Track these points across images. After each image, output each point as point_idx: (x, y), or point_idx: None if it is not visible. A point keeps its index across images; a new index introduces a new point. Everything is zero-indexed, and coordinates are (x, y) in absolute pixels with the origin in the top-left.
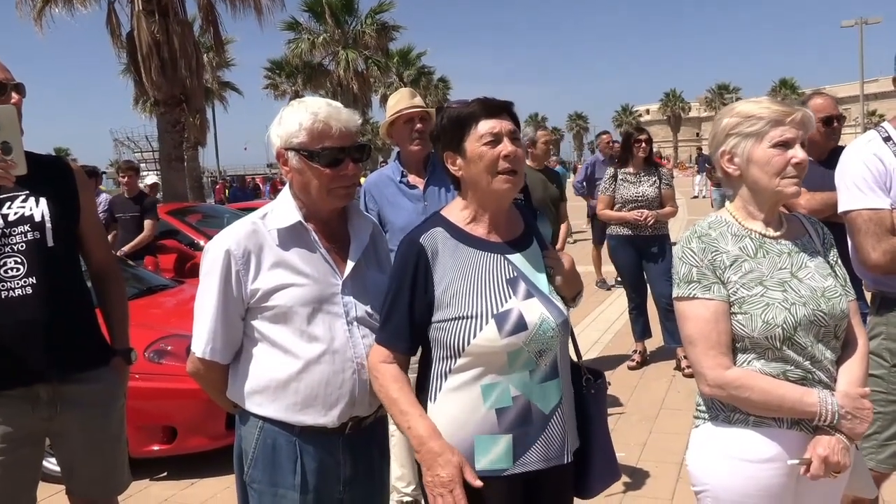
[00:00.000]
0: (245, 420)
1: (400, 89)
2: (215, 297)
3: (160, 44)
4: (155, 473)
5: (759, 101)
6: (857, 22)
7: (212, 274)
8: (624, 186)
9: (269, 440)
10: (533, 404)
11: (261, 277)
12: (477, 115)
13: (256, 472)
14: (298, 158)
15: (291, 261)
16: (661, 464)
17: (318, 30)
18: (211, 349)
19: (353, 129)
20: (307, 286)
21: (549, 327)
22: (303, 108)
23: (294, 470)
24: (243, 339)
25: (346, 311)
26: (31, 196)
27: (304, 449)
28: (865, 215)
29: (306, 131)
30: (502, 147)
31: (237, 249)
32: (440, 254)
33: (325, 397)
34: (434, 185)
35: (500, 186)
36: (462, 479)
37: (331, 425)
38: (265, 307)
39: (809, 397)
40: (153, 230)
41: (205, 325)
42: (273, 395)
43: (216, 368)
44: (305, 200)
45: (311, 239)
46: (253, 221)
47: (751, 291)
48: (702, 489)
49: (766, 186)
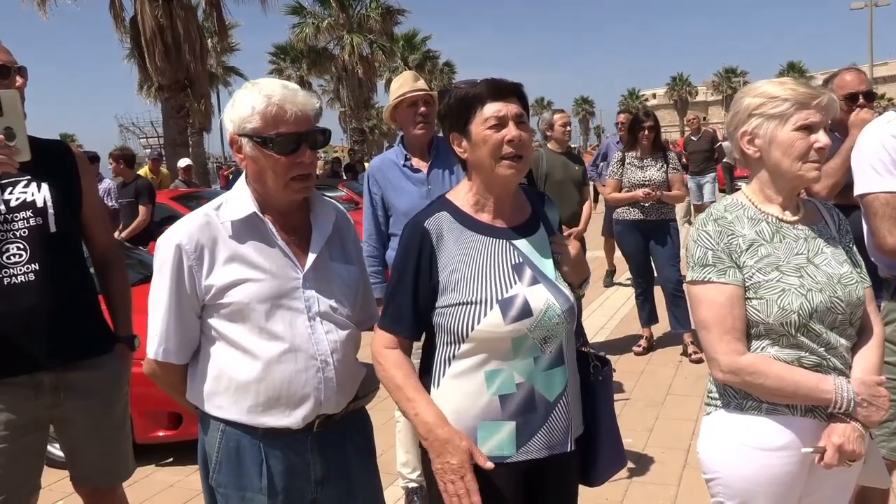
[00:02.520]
0: (206, 423)
1: (403, 73)
2: (167, 294)
3: (164, 28)
4: (160, 459)
5: (784, 83)
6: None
7: (163, 270)
8: (631, 170)
9: (233, 443)
10: (537, 391)
11: (215, 273)
12: (483, 98)
13: (222, 476)
14: (252, 145)
15: (247, 255)
16: (667, 450)
17: (322, 14)
18: (164, 350)
19: (310, 113)
20: (264, 281)
21: (554, 314)
22: (256, 91)
23: (260, 473)
24: (200, 338)
25: (307, 307)
26: (32, 181)
27: (269, 451)
28: (883, 198)
29: (259, 115)
30: (507, 131)
31: (189, 244)
32: (445, 238)
33: (288, 398)
34: (438, 169)
35: (504, 172)
36: (472, 464)
37: (295, 427)
38: (221, 304)
39: (825, 384)
40: (147, 215)
41: (157, 324)
42: (233, 397)
43: (172, 369)
44: (261, 190)
45: (267, 231)
46: (206, 213)
47: (767, 276)
48: (713, 477)
49: (788, 170)
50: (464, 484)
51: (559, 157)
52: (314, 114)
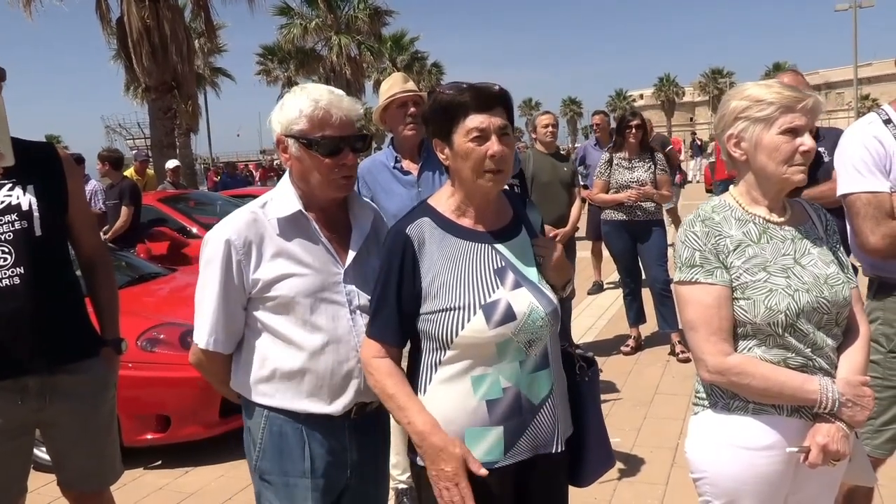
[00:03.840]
0: (250, 411)
1: (392, 74)
2: (217, 287)
3: (150, 29)
4: (149, 462)
5: (770, 86)
6: (852, 6)
7: (212, 264)
8: (619, 171)
9: (276, 428)
10: (523, 395)
11: (262, 267)
12: (467, 108)
13: (265, 463)
14: (298, 146)
15: (293, 251)
16: (655, 449)
17: (310, 15)
18: (214, 340)
19: (354, 118)
20: (309, 276)
21: (538, 317)
22: (304, 95)
23: (303, 456)
24: (245, 329)
25: (348, 300)
26: (17, 185)
27: (310, 435)
28: (865, 198)
29: (307, 118)
30: (490, 145)
31: (238, 239)
32: (427, 244)
33: (331, 387)
34: (429, 171)
35: (485, 184)
36: (466, 470)
37: (336, 413)
38: (267, 297)
39: (810, 384)
40: (129, 216)
41: (207, 316)
42: (277, 386)
43: (219, 359)
44: (305, 189)
45: (311, 228)
46: (253, 211)
47: (754, 277)
48: (700, 476)
49: (773, 173)
50: (458, 491)
51: (547, 158)
52: (357, 119)
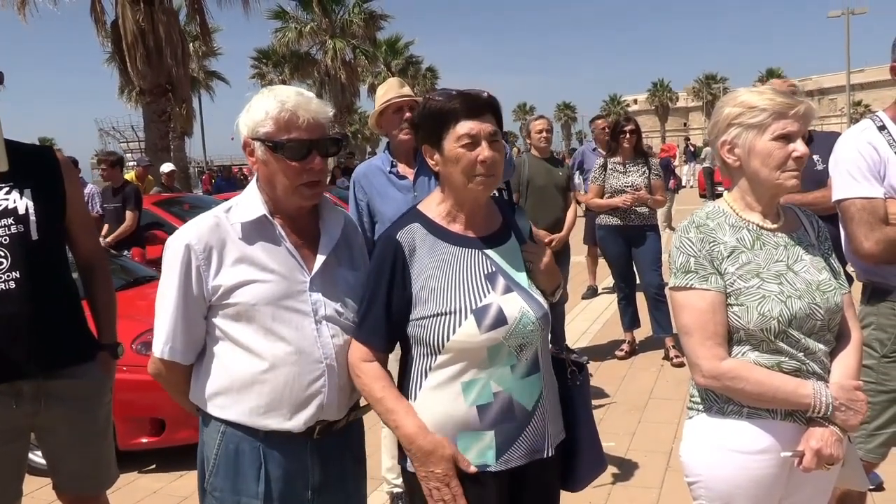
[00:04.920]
0: (207, 424)
1: (389, 79)
2: (175, 294)
3: (145, 32)
4: (143, 466)
5: (763, 92)
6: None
7: (171, 270)
8: (613, 176)
9: (232, 446)
10: (515, 399)
11: (223, 273)
12: (457, 114)
13: (218, 480)
14: (264, 149)
15: (255, 256)
16: (649, 453)
17: (305, 18)
18: (170, 349)
19: (323, 121)
20: (272, 283)
21: (529, 321)
22: (271, 96)
23: (257, 477)
24: (206, 338)
25: (314, 310)
26: (14, 188)
27: (268, 455)
28: (859, 204)
29: (273, 120)
30: (480, 151)
31: (198, 244)
32: (417, 250)
33: (291, 400)
34: (424, 176)
35: (476, 188)
36: (456, 471)
37: (296, 430)
38: (227, 304)
39: (804, 389)
40: (134, 220)
41: (164, 323)
42: (236, 397)
43: (177, 369)
44: (271, 194)
45: (276, 234)
46: (216, 215)
47: (747, 283)
48: (695, 480)
49: (766, 179)
50: (450, 490)
51: (542, 162)
52: (327, 121)
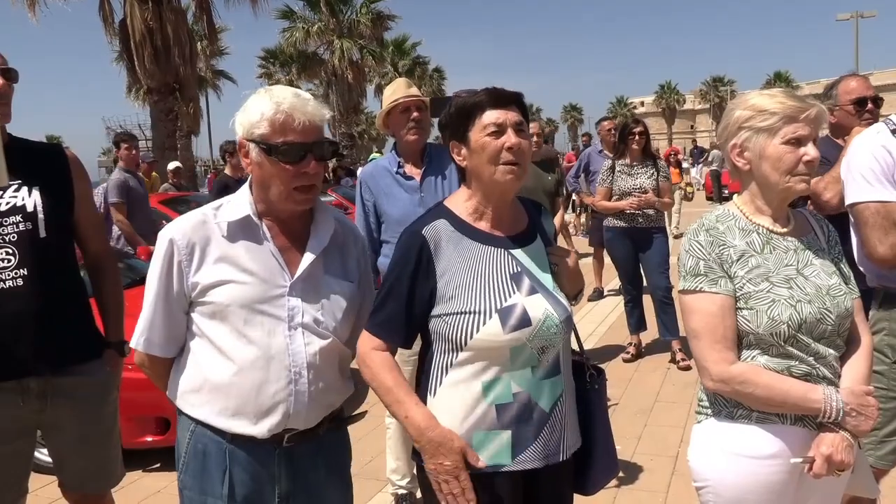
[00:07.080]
0: (180, 420)
1: (396, 79)
2: (155, 287)
3: (153, 31)
4: (148, 465)
5: (773, 95)
6: (853, 15)
7: (155, 264)
8: (621, 178)
9: (200, 445)
10: (534, 401)
11: (203, 271)
12: (483, 105)
13: (187, 478)
14: (258, 151)
15: (237, 256)
16: (656, 457)
17: (312, 18)
18: (146, 340)
19: (318, 124)
20: (248, 284)
21: (552, 323)
22: (267, 97)
23: (222, 480)
24: (187, 334)
25: (290, 315)
26: (23, 186)
27: (234, 458)
28: (873, 208)
29: (268, 122)
30: (506, 138)
31: (181, 240)
32: (443, 246)
33: (256, 406)
34: (431, 176)
35: (503, 177)
36: (466, 463)
37: (260, 436)
38: (204, 302)
39: (814, 394)
40: None
41: (144, 315)
42: (207, 397)
43: (157, 362)
44: (262, 196)
45: (261, 235)
46: (204, 213)
47: (757, 287)
48: (703, 485)
49: (777, 183)
50: (458, 483)
51: (531, 166)
52: (323, 124)
